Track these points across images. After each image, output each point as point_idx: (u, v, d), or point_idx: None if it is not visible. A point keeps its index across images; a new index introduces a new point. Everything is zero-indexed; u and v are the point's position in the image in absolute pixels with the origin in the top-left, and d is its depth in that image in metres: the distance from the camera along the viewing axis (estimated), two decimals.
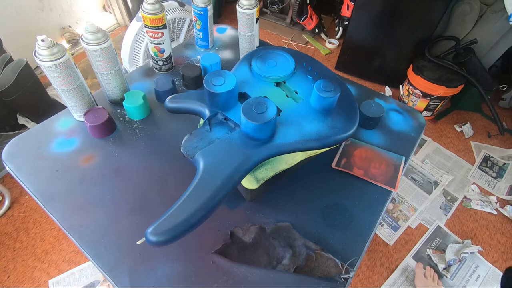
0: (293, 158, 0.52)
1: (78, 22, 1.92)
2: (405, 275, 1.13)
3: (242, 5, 0.70)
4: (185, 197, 0.40)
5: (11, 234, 1.13)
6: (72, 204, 0.53)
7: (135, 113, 0.65)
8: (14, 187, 1.26)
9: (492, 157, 1.53)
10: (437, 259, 1.15)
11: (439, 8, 1.46)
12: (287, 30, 2.18)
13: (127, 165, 0.58)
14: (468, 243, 1.19)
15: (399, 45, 1.66)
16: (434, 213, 1.30)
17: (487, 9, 1.49)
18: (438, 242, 1.21)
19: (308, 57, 0.61)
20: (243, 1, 0.70)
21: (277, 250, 0.49)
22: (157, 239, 0.37)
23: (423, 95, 1.54)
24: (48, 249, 1.11)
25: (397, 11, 1.54)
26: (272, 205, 0.54)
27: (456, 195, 1.37)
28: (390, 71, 1.77)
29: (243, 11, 0.70)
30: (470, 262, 1.16)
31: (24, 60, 1.13)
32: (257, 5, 0.70)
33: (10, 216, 1.18)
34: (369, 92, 0.77)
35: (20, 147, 0.60)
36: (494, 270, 1.15)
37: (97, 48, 0.56)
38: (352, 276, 0.46)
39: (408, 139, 0.67)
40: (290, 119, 0.49)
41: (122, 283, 0.45)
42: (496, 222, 1.29)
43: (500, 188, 1.40)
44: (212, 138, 0.46)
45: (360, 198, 0.56)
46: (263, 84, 0.55)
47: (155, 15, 0.64)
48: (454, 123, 1.68)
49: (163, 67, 0.76)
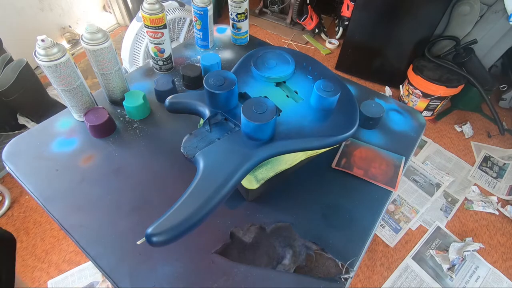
0: (293, 158, 0.52)
1: (78, 22, 1.92)
2: (405, 276, 1.12)
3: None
4: (185, 197, 0.40)
5: None
6: (72, 204, 0.53)
7: (135, 113, 0.65)
8: (14, 187, 1.25)
9: (492, 157, 1.52)
10: (440, 259, 1.15)
11: (439, 8, 1.45)
12: (287, 30, 2.18)
13: (127, 165, 0.58)
14: (470, 241, 1.19)
15: (399, 45, 1.66)
16: (434, 215, 1.30)
17: (487, 9, 1.49)
18: (438, 243, 1.21)
19: (308, 57, 0.61)
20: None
21: (277, 250, 0.49)
22: (157, 239, 0.37)
23: (423, 95, 1.54)
24: (48, 249, 1.11)
25: (397, 11, 1.54)
26: (272, 205, 0.54)
27: (457, 196, 1.36)
28: (390, 71, 1.77)
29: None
30: (470, 263, 1.16)
31: (24, 60, 1.13)
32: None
33: (10, 216, 1.18)
34: (369, 92, 0.77)
35: (20, 147, 0.60)
36: (494, 271, 1.15)
37: (97, 48, 0.56)
38: (352, 276, 0.46)
39: (408, 139, 0.67)
40: (290, 119, 0.49)
41: (122, 283, 0.45)
42: (496, 222, 1.29)
43: (500, 188, 1.40)
44: (212, 138, 0.46)
45: (360, 198, 0.56)
46: (263, 84, 0.55)
47: (155, 15, 0.64)
48: (454, 123, 1.68)
49: (163, 67, 0.76)
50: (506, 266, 1.17)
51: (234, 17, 0.82)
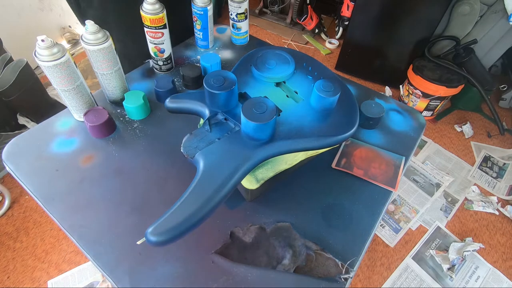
0: (293, 158, 0.52)
1: (78, 22, 1.91)
2: (405, 276, 1.12)
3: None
4: (185, 197, 0.40)
5: (11, 234, 1.13)
6: (72, 204, 0.53)
7: (135, 113, 0.65)
8: (14, 187, 1.25)
9: (492, 157, 1.52)
10: (440, 259, 1.15)
11: (439, 8, 1.45)
12: (287, 30, 2.18)
13: (127, 165, 0.58)
14: (470, 241, 1.19)
15: (399, 45, 1.66)
16: (434, 215, 1.30)
17: (487, 9, 1.49)
18: (438, 243, 1.21)
19: (308, 57, 0.61)
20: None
21: (277, 250, 0.49)
22: (157, 239, 0.37)
23: (423, 95, 1.54)
24: (48, 249, 1.11)
25: (397, 11, 1.54)
26: (272, 205, 0.54)
27: (457, 196, 1.36)
28: (390, 71, 1.77)
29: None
30: (470, 263, 1.16)
31: (24, 60, 1.13)
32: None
33: (10, 216, 1.18)
34: (369, 92, 0.77)
35: (20, 147, 0.60)
36: (494, 271, 1.15)
37: (97, 48, 0.56)
38: (352, 276, 0.46)
39: (408, 139, 0.67)
40: (290, 119, 0.49)
41: (122, 283, 0.45)
42: (496, 222, 1.29)
43: (500, 188, 1.40)
44: (212, 138, 0.46)
45: (360, 198, 0.56)
46: (263, 84, 0.55)
47: (155, 15, 0.64)
48: (454, 123, 1.68)
49: (163, 67, 0.76)
50: (506, 266, 1.17)
51: (234, 17, 0.82)
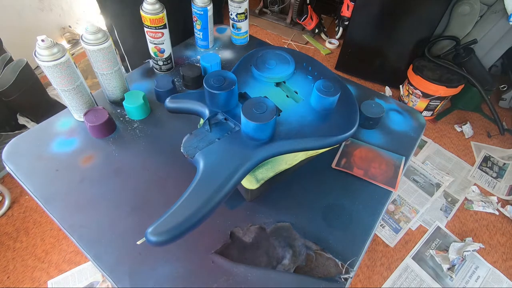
0: (293, 158, 0.52)
1: (78, 22, 1.92)
2: (405, 276, 1.12)
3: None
4: (185, 197, 0.40)
5: (11, 234, 1.13)
6: (72, 204, 0.53)
7: (135, 113, 0.65)
8: (14, 187, 1.25)
9: (492, 157, 1.52)
10: (440, 259, 1.15)
11: (439, 8, 1.45)
12: (287, 30, 2.18)
13: (127, 165, 0.58)
14: (470, 241, 1.19)
15: (399, 45, 1.66)
16: (434, 215, 1.30)
17: (487, 9, 1.49)
18: (438, 243, 1.21)
19: (308, 57, 0.61)
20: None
21: (277, 250, 0.49)
22: (157, 239, 0.37)
23: (423, 95, 1.54)
24: (48, 249, 1.11)
25: (397, 11, 1.54)
26: (272, 205, 0.54)
27: (457, 196, 1.36)
28: (390, 71, 1.77)
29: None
30: (470, 263, 1.16)
31: (24, 60, 1.13)
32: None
33: (10, 216, 1.18)
34: (369, 92, 0.77)
35: (20, 147, 0.60)
36: (494, 271, 1.15)
37: (97, 48, 0.56)
38: (352, 276, 0.46)
39: (408, 139, 0.67)
40: (290, 119, 0.49)
41: (122, 283, 0.45)
42: (496, 222, 1.29)
43: (500, 188, 1.40)
44: (212, 138, 0.46)
45: (360, 198, 0.56)
46: (263, 84, 0.55)
47: (155, 15, 0.64)
48: (454, 123, 1.68)
49: (163, 67, 0.76)
50: (506, 266, 1.16)
51: (234, 17, 0.82)
